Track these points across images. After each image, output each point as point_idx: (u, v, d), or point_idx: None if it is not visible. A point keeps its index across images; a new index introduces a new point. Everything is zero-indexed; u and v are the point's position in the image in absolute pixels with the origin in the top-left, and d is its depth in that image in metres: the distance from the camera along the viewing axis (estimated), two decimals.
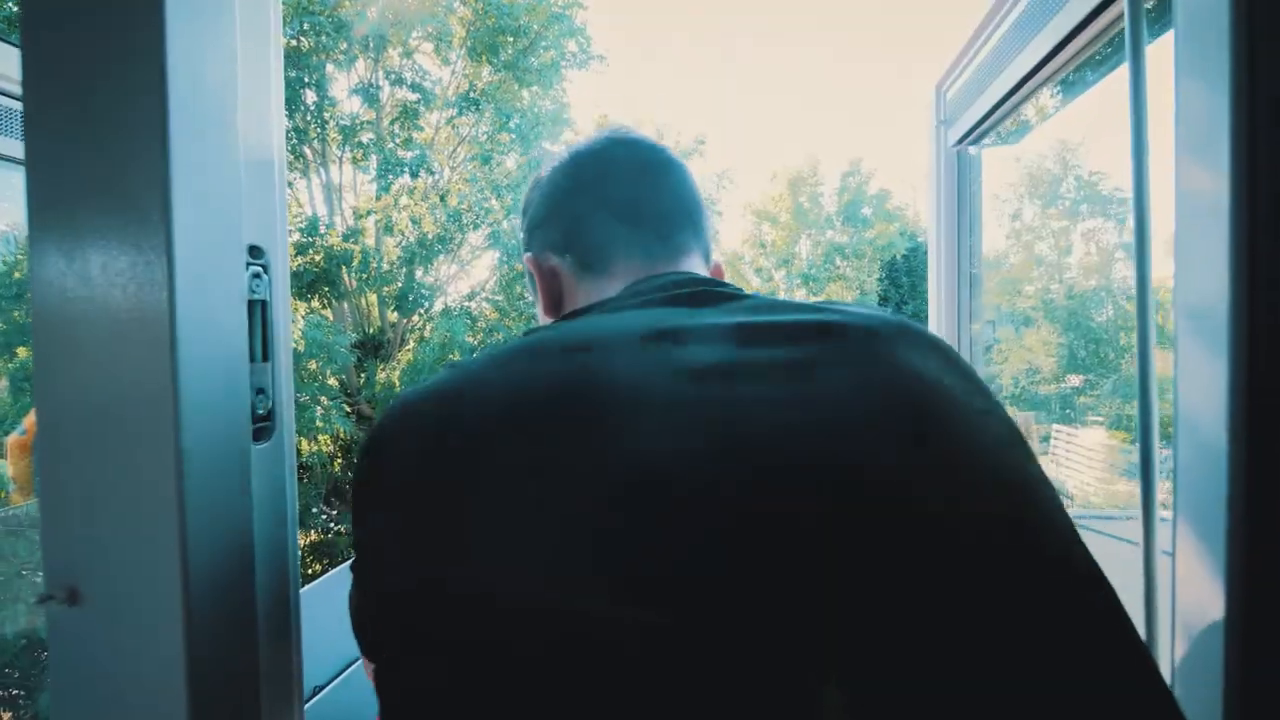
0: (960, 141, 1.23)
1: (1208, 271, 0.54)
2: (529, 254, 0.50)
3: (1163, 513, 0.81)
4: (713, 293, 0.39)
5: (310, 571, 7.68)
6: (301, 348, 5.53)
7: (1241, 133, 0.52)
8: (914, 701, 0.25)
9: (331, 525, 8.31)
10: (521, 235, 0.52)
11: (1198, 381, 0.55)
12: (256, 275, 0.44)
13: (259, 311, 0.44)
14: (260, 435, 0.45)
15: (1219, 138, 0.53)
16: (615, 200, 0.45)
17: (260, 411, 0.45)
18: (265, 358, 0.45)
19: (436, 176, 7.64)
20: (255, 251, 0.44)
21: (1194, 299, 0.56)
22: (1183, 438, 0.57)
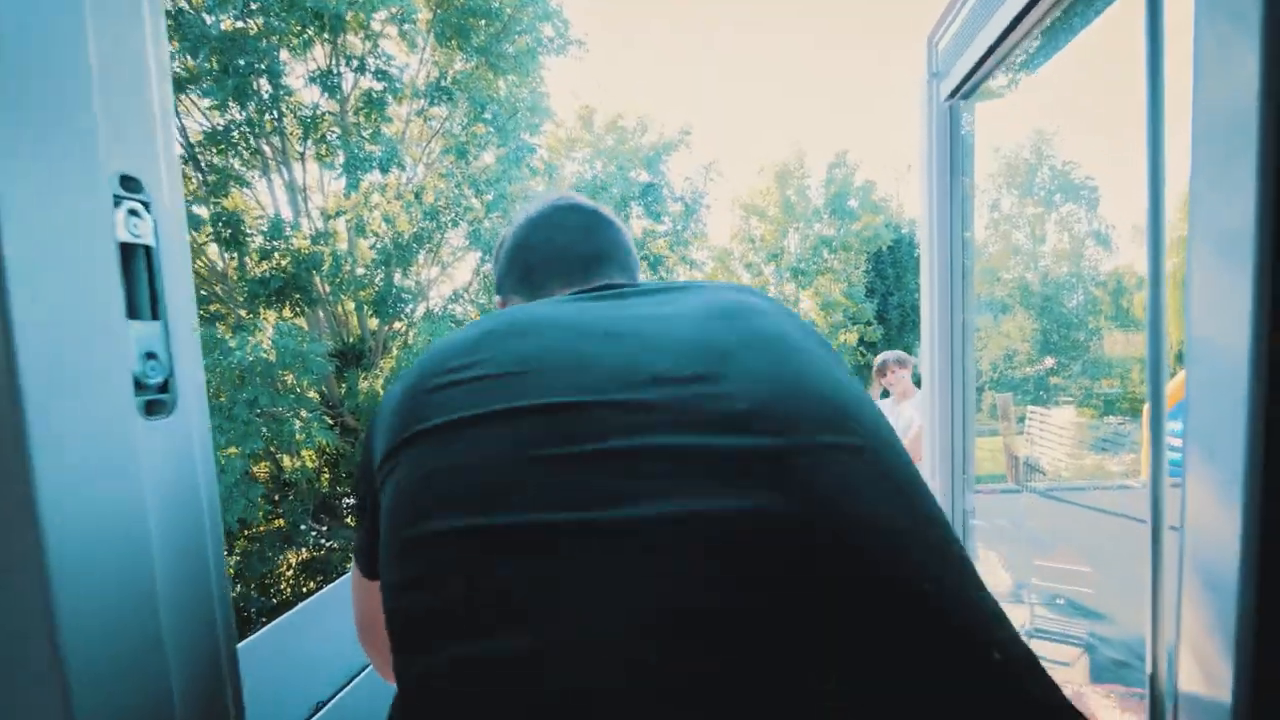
0: (953, 95, 1.18)
1: (1229, 217, 0.48)
2: (499, 296, 0.65)
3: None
4: (620, 285, 0.52)
5: (305, 589, 7.47)
6: (274, 358, 5.33)
7: (1275, 57, 0.46)
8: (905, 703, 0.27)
9: (323, 542, 8.07)
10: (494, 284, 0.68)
11: (1213, 345, 0.49)
12: (134, 213, 0.35)
13: (142, 258, 0.36)
14: (155, 409, 0.36)
15: (1245, 63, 0.47)
16: (556, 251, 0.60)
17: (153, 381, 0.36)
18: (155, 315, 0.37)
19: (410, 172, 7.42)
20: (129, 184, 0.35)
21: (1211, 254, 0.50)
22: (1195, 407, 0.52)
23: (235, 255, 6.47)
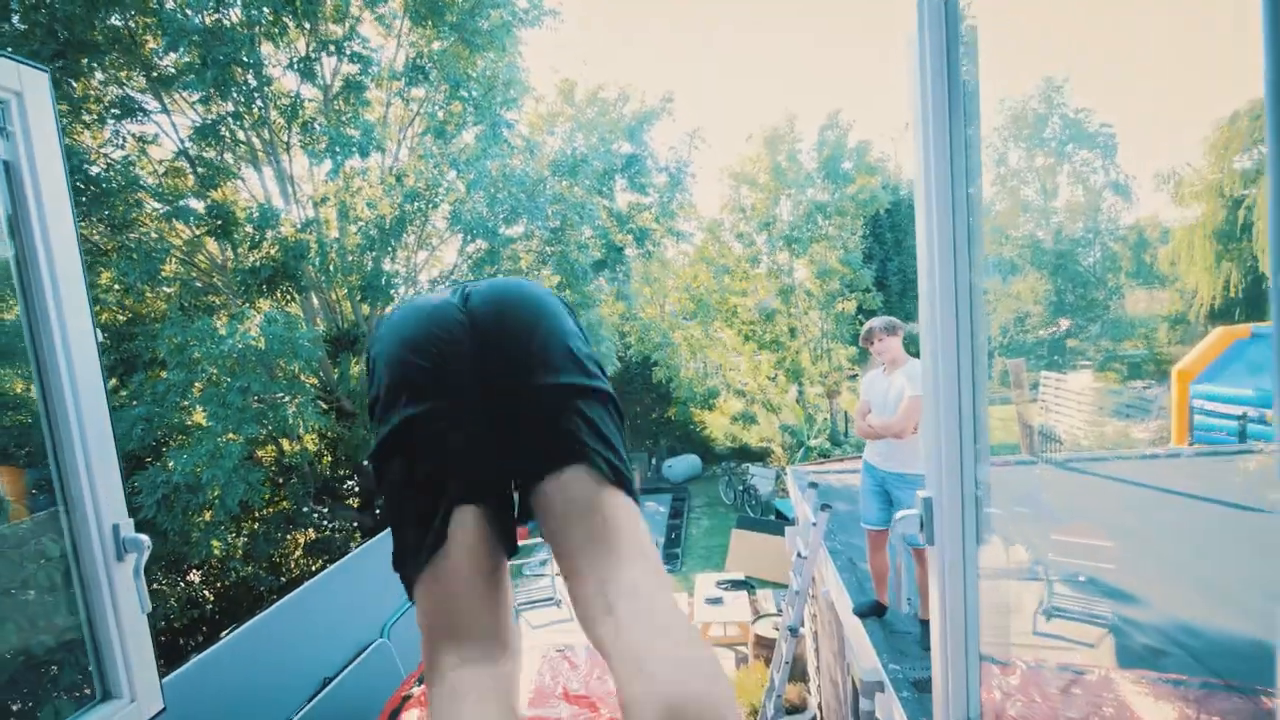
0: None
1: None
2: None
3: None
4: None
5: (315, 567, 7.57)
6: (263, 345, 5.25)
7: None
8: None
9: (325, 523, 8.16)
10: None
11: None
12: None
13: None
14: None
15: None
16: None
17: None
18: None
19: (392, 156, 7.22)
20: None
21: None
22: None
23: (229, 246, 6.42)
